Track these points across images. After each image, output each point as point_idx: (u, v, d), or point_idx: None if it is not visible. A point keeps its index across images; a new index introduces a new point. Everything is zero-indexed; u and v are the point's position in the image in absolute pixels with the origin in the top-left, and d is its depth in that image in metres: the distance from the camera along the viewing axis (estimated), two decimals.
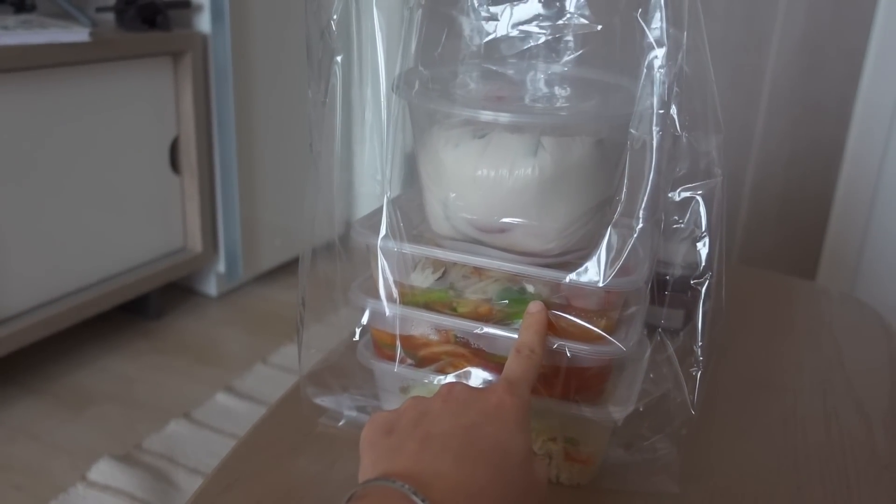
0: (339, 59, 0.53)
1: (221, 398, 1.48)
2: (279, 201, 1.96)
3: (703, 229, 0.51)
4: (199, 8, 1.68)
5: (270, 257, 2.00)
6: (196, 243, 1.81)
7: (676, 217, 0.52)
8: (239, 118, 1.76)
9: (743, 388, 0.67)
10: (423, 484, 0.34)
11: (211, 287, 1.91)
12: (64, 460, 1.29)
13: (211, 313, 1.86)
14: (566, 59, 0.54)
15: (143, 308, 1.78)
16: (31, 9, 1.62)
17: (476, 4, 0.54)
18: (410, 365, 0.54)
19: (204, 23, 1.68)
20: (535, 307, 0.49)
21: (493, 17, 0.54)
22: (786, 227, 1.90)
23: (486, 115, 0.48)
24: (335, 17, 0.52)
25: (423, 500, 0.33)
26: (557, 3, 0.53)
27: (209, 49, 1.69)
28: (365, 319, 0.57)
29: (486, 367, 0.52)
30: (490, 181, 0.49)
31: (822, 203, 1.83)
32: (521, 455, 0.38)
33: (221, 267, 1.88)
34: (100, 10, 1.65)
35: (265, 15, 1.79)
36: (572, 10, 0.52)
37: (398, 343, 0.54)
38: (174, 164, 1.73)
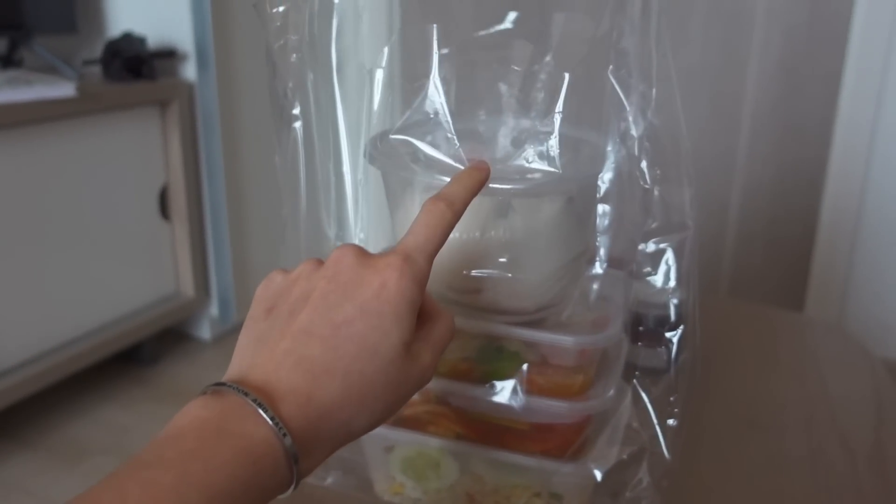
0: (296, 125, 0.53)
1: None
2: (270, 243, 1.97)
3: (674, 280, 0.51)
4: (184, 57, 1.70)
5: None
6: (188, 288, 1.82)
7: (649, 269, 0.52)
8: (227, 163, 1.77)
9: (728, 428, 0.68)
10: (276, 397, 0.33)
11: (205, 331, 1.91)
12: None
13: (206, 357, 1.86)
14: (531, 115, 0.55)
15: (138, 355, 1.78)
16: (18, 63, 1.64)
17: (439, 62, 0.55)
18: (392, 425, 0.55)
19: (190, 71, 1.70)
20: (481, 163, 0.45)
21: (458, 73, 0.55)
22: (774, 249, 1.91)
23: None
24: (291, 84, 0.53)
25: (272, 419, 0.32)
26: (521, 56, 0.54)
27: (196, 96, 1.71)
28: None
29: (466, 426, 0.53)
30: (462, 244, 0.49)
31: (809, 224, 1.84)
32: (392, 353, 0.36)
33: (215, 310, 1.88)
34: (87, 63, 1.67)
35: (251, 61, 1.81)
36: (536, 62, 0.53)
37: None
38: (164, 210, 1.75)
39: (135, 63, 1.62)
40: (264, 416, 0.32)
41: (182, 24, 1.67)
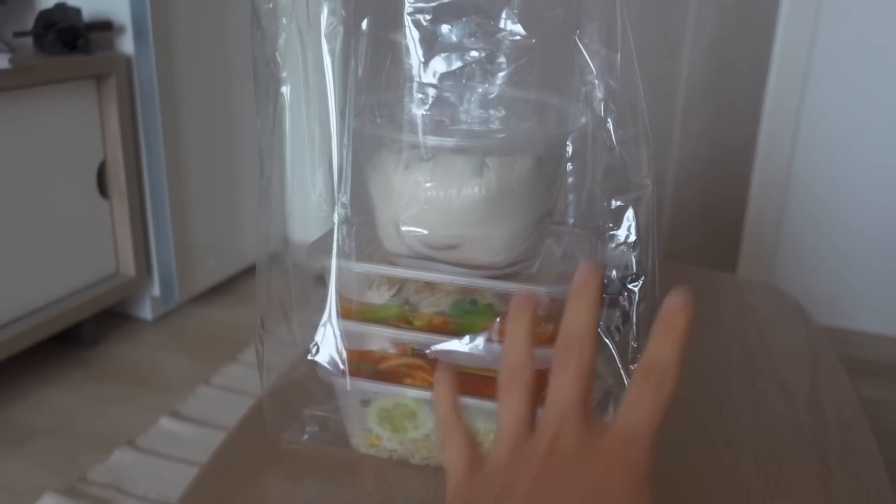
0: (284, 88, 0.54)
1: (166, 423, 1.46)
2: (212, 221, 1.95)
3: (635, 235, 0.55)
4: (121, 30, 1.65)
5: (206, 278, 1.98)
6: (129, 268, 1.78)
7: (611, 224, 0.56)
8: (167, 139, 1.74)
9: (681, 378, 0.72)
10: None
11: (146, 311, 1.88)
12: (6, 498, 1.26)
13: (148, 338, 1.83)
14: (502, 78, 0.57)
15: (77, 337, 1.74)
16: None
17: (413, 27, 0.57)
18: (369, 378, 0.57)
19: (127, 44, 1.66)
20: (678, 303, 0.34)
21: (432, 36, 0.57)
22: (707, 221, 1.99)
23: (433, 141, 0.51)
24: (280, 45, 0.54)
25: None
26: (492, 21, 0.57)
27: (133, 71, 1.67)
28: (320, 337, 0.59)
29: None
30: (439, 201, 0.52)
31: (739, 198, 1.93)
32: None
33: (156, 290, 1.85)
34: (17, 35, 1.61)
35: (189, 34, 1.78)
36: (506, 26, 0.56)
37: (346, 359, 0.56)
38: (102, 188, 1.71)
39: (70, 35, 1.57)
40: None
41: None
